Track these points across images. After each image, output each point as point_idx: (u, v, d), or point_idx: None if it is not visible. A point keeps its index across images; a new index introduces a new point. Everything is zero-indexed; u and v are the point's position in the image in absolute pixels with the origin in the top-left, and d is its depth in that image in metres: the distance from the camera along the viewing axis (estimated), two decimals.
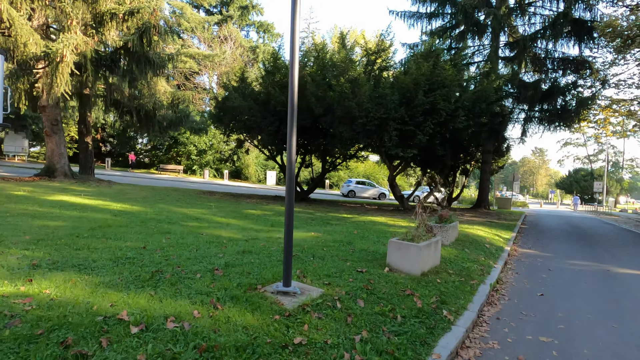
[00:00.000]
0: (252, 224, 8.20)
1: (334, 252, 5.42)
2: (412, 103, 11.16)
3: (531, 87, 16.55)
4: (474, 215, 16.31)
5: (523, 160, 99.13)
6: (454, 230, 7.23)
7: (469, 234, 8.80)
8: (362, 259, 5.03)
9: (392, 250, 4.69)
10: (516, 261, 7.19)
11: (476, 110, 11.70)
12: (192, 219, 8.13)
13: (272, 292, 3.32)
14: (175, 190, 16.77)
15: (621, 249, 9.54)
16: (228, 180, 33.75)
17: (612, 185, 55.68)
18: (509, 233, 10.70)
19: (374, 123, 11.24)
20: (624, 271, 6.77)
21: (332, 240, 6.53)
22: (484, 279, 5.12)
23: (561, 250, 8.82)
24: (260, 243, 5.65)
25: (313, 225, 8.78)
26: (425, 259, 4.64)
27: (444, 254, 5.94)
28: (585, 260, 7.65)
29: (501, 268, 6.14)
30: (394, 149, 11.55)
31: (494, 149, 20.51)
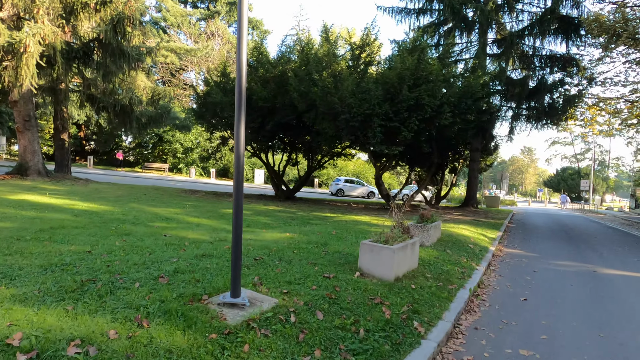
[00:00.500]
0: (225, 224, 7.75)
1: (305, 254, 5.01)
2: (397, 98, 10.81)
3: (518, 84, 16.37)
4: (461, 214, 16.08)
5: (512, 159, 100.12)
6: (436, 230, 6.89)
7: (453, 233, 8.49)
8: (333, 263, 4.63)
9: (363, 253, 4.30)
10: (500, 262, 6.89)
11: (462, 107, 11.40)
12: (162, 219, 7.65)
13: (218, 304, 2.90)
14: (156, 189, 16.19)
15: (608, 248, 9.33)
16: (215, 178, 33.11)
17: (598, 183, 56.46)
18: (495, 232, 10.43)
19: (357, 119, 10.86)
20: (610, 272, 6.51)
21: (306, 241, 6.13)
22: (464, 282, 4.77)
23: (547, 249, 8.57)
24: (226, 245, 5.22)
25: (291, 225, 8.37)
26: (400, 263, 4.26)
27: (424, 256, 5.59)
28: (572, 261, 7.39)
29: (484, 270, 5.81)
30: (378, 146, 11.19)
31: (481, 147, 20.34)
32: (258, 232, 7.04)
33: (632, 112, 17.48)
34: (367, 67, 12.83)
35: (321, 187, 37.45)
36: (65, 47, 11.53)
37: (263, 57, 14.05)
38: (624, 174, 69.71)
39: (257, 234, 6.77)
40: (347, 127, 11.31)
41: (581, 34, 17.26)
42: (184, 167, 33.00)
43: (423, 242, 6.41)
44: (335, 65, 11.38)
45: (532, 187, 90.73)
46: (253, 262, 4.35)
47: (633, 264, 7.42)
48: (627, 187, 71.15)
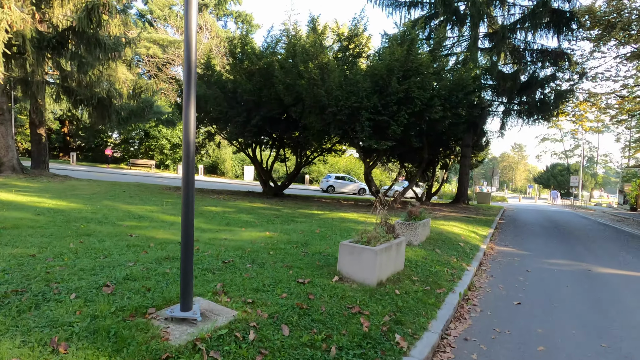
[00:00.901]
0: (203, 223, 7.28)
1: (281, 256, 4.59)
2: (386, 91, 10.41)
3: (510, 78, 16.11)
4: (452, 211, 15.82)
5: (503, 155, 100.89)
6: (424, 228, 6.52)
7: (443, 231, 8.14)
8: (311, 266, 4.22)
9: (343, 255, 3.89)
10: (492, 261, 6.56)
11: (453, 100, 11.05)
12: (134, 218, 7.15)
13: (165, 319, 2.46)
14: (138, 185, 15.59)
15: (600, 245, 9.10)
16: (203, 175, 32.45)
17: (587, 179, 57.08)
18: (486, 229, 10.14)
19: (344, 112, 10.44)
20: (606, 271, 6.22)
21: (286, 241, 5.71)
22: (453, 285, 4.40)
23: (540, 247, 8.28)
24: (195, 247, 4.76)
25: (274, 224, 7.94)
26: (384, 265, 3.86)
27: (411, 256, 5.21)
28: (565, 259, 7.10)
29: (475, 270, 5.45)
30: (367, 140, 10.79)
31: (473, 142, 20.11)
32: (236, 231, 6.59)
33: (622, 107, 17.38)
34: (355, 59, 12.40)
35: (312, 184, 37.02)
36: (36, 36, 10.86)
37: (248, 48, 13.51)
38: (612, 170, 70.73)
39: (235, 233, 6.32)
40: (335, 121, 10.88)
41: (572, 28, 17.08)
42: (171, 163, 32.25)
43: (411, 241, 6.04)
44: (322, 56, 10.92)
45: (523, 183, 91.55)
46: (221, 266, 3.91)
47: (627, 261, 7.16)
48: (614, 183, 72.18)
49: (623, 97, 17.04)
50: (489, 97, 19.10)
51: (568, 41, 18.21)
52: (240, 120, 13.57)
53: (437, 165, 22.33)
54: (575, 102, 18.53)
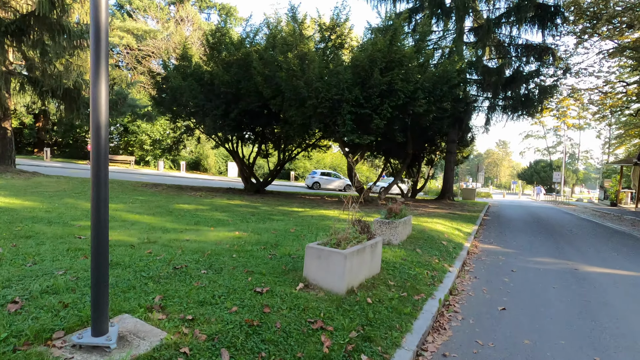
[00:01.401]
0: (168, 222, 6.74)
1: (245, 259, 4.12)
2: (368, 83, 9.99)
3: (495, 72, 15.92)
4: (437, 207, 15.59)
5: (488, 152, 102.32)
6: (405, 227, 6.14)
7: (426, 228, 7.80)
8: (276, 271, 3.76)
9: (310, 259, 3.45)
10: (476, 260, 6.23)
11: (437, 93, 10.72)
12: None
13: (72, 346, 1.97)
14: (112, 182, 14.81)
15: (585, 242, 8.93)
16: (185, 172, 31.56)
17: (568, 175, 58.23)
18: (471, 226, 9.88)
19: (325, 105, 9.98)
20: (592, 270, 5.96)
21: (255, 241, 5.24)
22: (433, 290, 4.02)
23: (524, 244, 8.03)
24: (147, 250, 4.25)
25: (248, 222, 7.45)
26: (355, 270, 3.44)
27: (389, 258, 4.81)
28: (551, 257, 6.84)
29: (458, 272, 5.10)
30: (349, 135, 10.37)
31: (458, 138, 19.95)
32: (203, 230, 6.08)
33: (605, 103, 17.44)
34: (337, 50, 11.94)
35: (298, 180, 36.52)
36: None
37: (226, 38, 12.88)
38: (592, 166, 72.41)
39: (201, 233, 5.81)
40: (315, 114, 10.42)
41: (557, 23, 17.00)
42: (152, 159, 31.23)
43: (390, 240, 5.65)
44: (302, 46, 10.42)
45: (507, 179, 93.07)
46: (170, 273, 3.42)
47: (612, 259, 6.95)
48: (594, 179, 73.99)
49: (606, 93, 17.09)
50: (474, 92, 18.96)
51: (552, 36, 18.15)
52: (218, 113, 12.97)
53: (422, 161, 22.15)
54: (560, 97, 18.51)
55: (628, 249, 8.15)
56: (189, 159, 34.22)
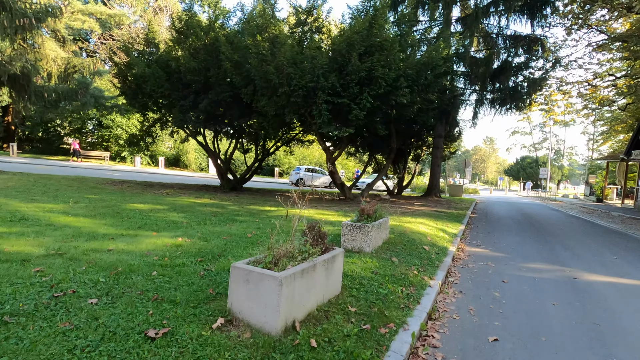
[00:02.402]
0: (105, 226, 5.72)
1: (164, 280, 3.18)
2: (345, 69, 9.07)
3: (483, 63, 15.20)
4: (423, 204, 14.85)
5: (475, 148, 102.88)
6: (380, 231, 5.27)
7: (407, 230, 6.97)
8: (196, 297, 2.83)
9: (235, 283, 2.53)
10: (462, 268, 5.41)
11: (421, 82, 9.88)
12: (11, 220, 5.49)
13: None
14: (74, 179, 13.60)
15: (578, 242, 8.23)
16: (164, 168, 30.22)
17: (554, 172, 58.62)
18: (457, 226, 9.10)
19: (299, 93, 9.03)
20: (593, 278, 5.21)
21: (196, 251, 4.30)
22: (407, 316, 3.15)
23: (515, 246, 7.27)
24: (37, 267, 3.26)
25: (204, 225, 6.49)
26: (298, 298, 2.54)
27: (357, 271, 3.93)
28: (545, 262, 6.07)
29: (440, 286, 4.25)
30: (325, 126, 9.45)
31: (445, 133, 19.26)
32: (142, 237, 5.09)
33: (595, 96, 16.95)
34: (314, 34, 10.98)
35: (282, 177, 35.51)
36: None
37: (193, 22, 11.78)
38: (576, 163, 73.28)
39: (136, 240, 4.82)
40: (289, 104, 9.46)
41: (545, 14, 16.42)
42: (128, 155, 29.77)
43: (362, 247, 4.77)
44: (273, 27, 9.43)
45: (494, 175, 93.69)
46: (38, 305, 2.45)
47: (612, 264, 6.23)
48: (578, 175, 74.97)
49: (595, 87, 16.58)
50: (461, 85, 18.26)
51: (541, 27, 17.58)
52: (186, 104, 11.89)
53: (408, 156, 21.42)
54: (549, 90, 17.95)
55: (626, 252, 7.48)
56: (169, 155, 32.84)
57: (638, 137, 19.95)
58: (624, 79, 15.85)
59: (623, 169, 25.97)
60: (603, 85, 16.62)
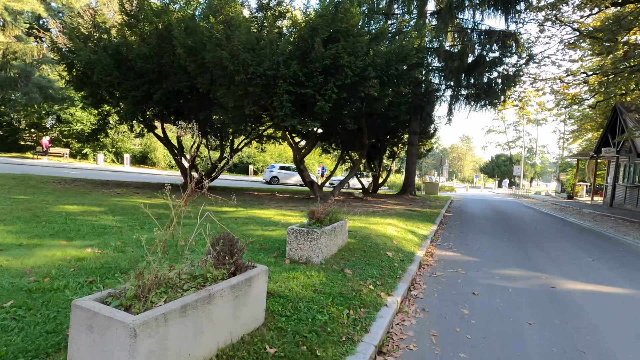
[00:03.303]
0: (5, 232, 4.72)
1: (17, 312, 2.32)
2: (309, 57, 8.30)
3: (457, 57, 14.79)
4: (397, 203, 14.32)
5: (452, 147, 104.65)
6: (334, 237, 4.53)
7: (372, 233, 6.28)
8: (38, 345, 1.99)
9: (76, 331, 1.70)
10: (429, 278, 4.75)
11: (392, 73, 9.22)
12: None
13: None
14: (16, 178, 12.23)
15: (553, 243, 7.81)
16: (130, 166, 28.56)
17: (527, 169, 60.14)
18: (429, 226, 8.52)
19: (257, 82, 8.18)
20: (572, 287, 4.67)
21: (96, 267, 3.44)
22: (348, 354, 2.41)
23: (488, 249, 6.72)
24: None
25: (141, 230, 5.58)
26: (173, 351, 1.74)
27: (296, 290, 3.17)
28: (519, 267, 5.52)
29: (399, 303, 3.56)
30: (288, 119, 8.64)
31: (420, 130, 18.84)
32: (45, 246, 4.16)
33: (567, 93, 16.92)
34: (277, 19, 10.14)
35: (257, 175, 34.43)
36: None
37: (144, 2, 10.68)
38: (547, 160, 75.58)
39: (31, 252, 3.88)
40: (247, 94, 8.60)
41: (519, 9, 16.23)
42: (90, 152, 27.94)
43: (310, 257, 4.01)
44: (229, 9, 8.53)
45: (470, 173, 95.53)
46: None
47: (590, 268, 5.76)
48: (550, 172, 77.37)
49: (568, 83, 16.53)
50: (436, 81, 17.88)
51: (515, 23, 17.41)
52: (138, 95, 10.80)
53: (384, 153, 20.92)
54: (522, 86, 17.81)
55: (602, 252, 7.08)
56: (136, 152, 31.13)
57: (607, 135, 20.21)
58: (595, 77, 15.83)
59: (592, 166, 26.48)
60: (575, 82, 16.59)
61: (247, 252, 4.39)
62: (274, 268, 3.75)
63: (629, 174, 18.54)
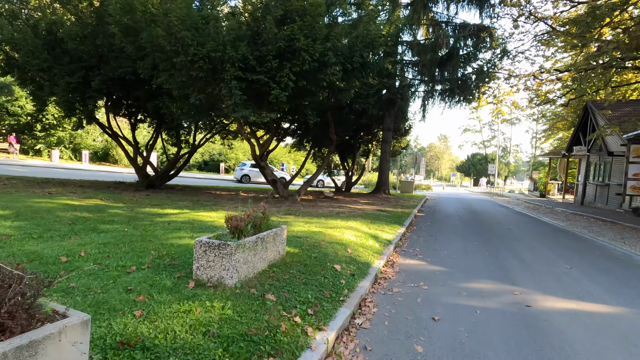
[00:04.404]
0: None
1: None
2: (260, 38, 7.32)
3: (430, 49, 14.15)
4: (368, 202, 13.56)
5: (430, 146, 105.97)
6: (263, 250, 3.58)
7: (324, 240, 5.39)
8: None
9: None
10: (383, 297, 3.90)
11: (357, 60, 8.35)
12: None
13: None
14: None
15: (528, 248, 7.17)
16: (89, 163, 26.63)
17: (501, 168, 61.22)
18: (396, 229, 7.74)
19: (201, 66, 7.12)
20: (551, 305, 3.93)
21: None
22: None
23: (458, 256, 5.97)
24: None
25: (39, 239, 4.46)
26: None
27: (179, 335, 2.21)
28: (491, 279, 4.77)
29: (330, 344, 2.66)
30: (239, 110, 7.62)
31: (394, 126, 18.19)
32: None
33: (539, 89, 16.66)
34: None
35: (229, 173, 33.07)
36: None
37: None
38: (520, 159, 77.47)
39: None
40: (192, 80, 7.53)
41: (493, 3, 15.83)
42: (44, 148, 25.83)
43: (222, 279, 3.06)
44: None
45: (447, 172, 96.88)
46: None
47: (568, 277, 5.08)
48: (523, 171, 79.35)
49: (542, 80, 16.25)
50: (410, 75, 17.25)
51: (490, 17, 16.96)
52: (73, 81, 9.49)
53: (357, 151, 20.18)
54: (497, 82, 17.45)
55: (579, 257, 6.48)
56: (97, 149, 29.12)
57: (579, 134, 20.22)
58: (568, 73, 15.60)
59: (564, 165, 26.74)
60: (548, 80, 16.34)
61: (148, 269, 3.39)
62: (167, 296, 2.78)
63: (599, 172, 18.55)
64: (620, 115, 16.46)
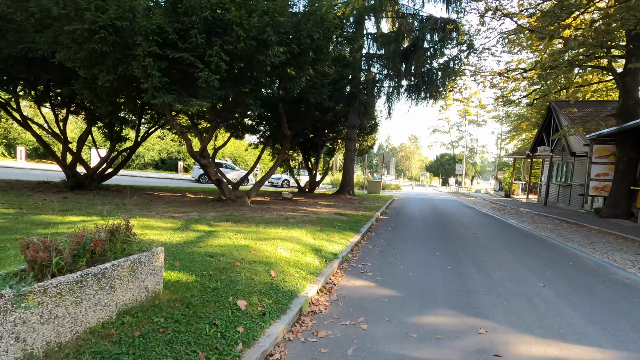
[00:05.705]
0: None
1: None
2: (181, 5, 5.97)
3: (393, 39, 13.27)
4: (329, 204, 12.48)
5: (401, 146, 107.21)
6: (109, 290, 2.30)
7: (245, 258, 4.17)
8: None
9: None
10: (300, 348, 2.74)
11: (304, 41, 7.18)
12: None
13: None
14: None
15: (496, 259, 6.29)
16: (26, 160, 23.91)
17: (468, 168, 62.47)
18: (348, 237, 6.65)
19: (103, 37, 5.68)
20: (526, 350, 2.93)
21: None
22: None
23: (415, 273, 4.93)
24: None
25: None
26: None
27: None
28: (451, 308, 3.73)
29: None
30: (160, 95, 6.23)
31: (360, 124, 17.25)
32: None
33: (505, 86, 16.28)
34: None
35: (188, 172, 31.03)
36: None
37: None
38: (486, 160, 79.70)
39: None
40: (94, 56, 6.05)
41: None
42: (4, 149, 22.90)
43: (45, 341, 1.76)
44: None
45: (417, 172, 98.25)
46: None
47: (542, 300, 4.16)
48: (489, 171, 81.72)
49: (508, 77, 15.84)
50: (375, 70, 16.37)
51: (456, 12, 16.35)
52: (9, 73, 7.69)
53: (322, 149, 19.10)
54: (463, 78, 16.91)
55: (552, 270, 5.64)
56: (37, 145, 26.23)
57: (542, 134, 20.19)
58: (533, 71, 15.26)
59: (527, 165, 26.99)
60: (514, 77, 15.97)
61: None
62: None
63: (562, 172, 18.51)
64: (582, 115, 16.38)
